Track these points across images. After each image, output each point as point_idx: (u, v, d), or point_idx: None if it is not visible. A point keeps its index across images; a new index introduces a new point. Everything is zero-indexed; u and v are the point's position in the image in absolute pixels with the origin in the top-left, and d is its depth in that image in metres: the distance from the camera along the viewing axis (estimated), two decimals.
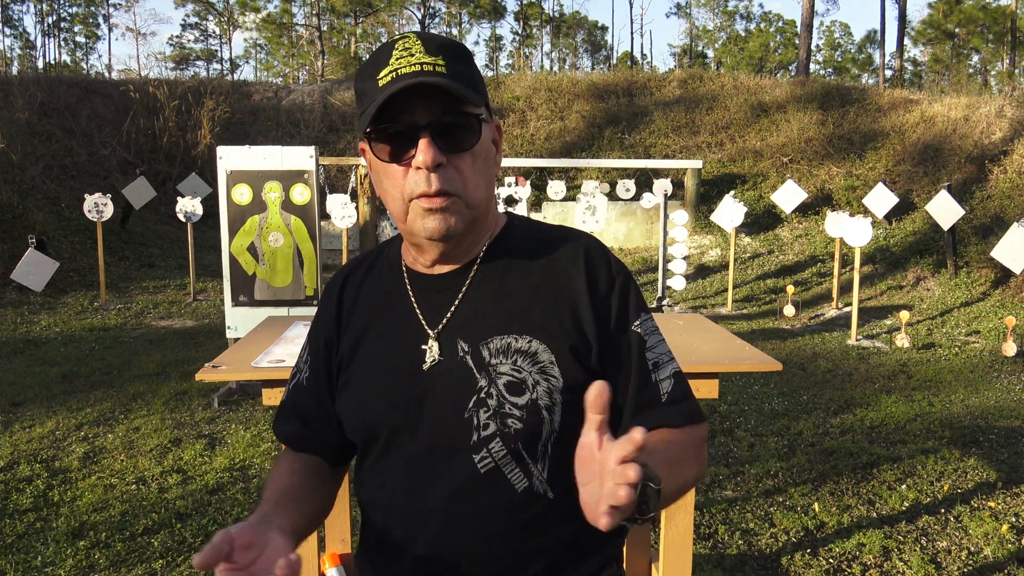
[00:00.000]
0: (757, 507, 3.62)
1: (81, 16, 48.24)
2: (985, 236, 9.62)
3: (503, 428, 1.03)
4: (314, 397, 1.17)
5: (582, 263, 1.09)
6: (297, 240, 5.39)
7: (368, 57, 1.05)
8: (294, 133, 16.08)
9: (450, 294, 1.09)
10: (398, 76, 0.97)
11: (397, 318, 1.11)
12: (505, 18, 48.42)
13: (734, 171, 13.92)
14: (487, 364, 1.04)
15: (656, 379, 1.09)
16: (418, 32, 1.04)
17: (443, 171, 0.99)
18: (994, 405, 5.40)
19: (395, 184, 1.02)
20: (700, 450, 1.11)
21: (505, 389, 1.03)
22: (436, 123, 0.99)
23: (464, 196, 1.01)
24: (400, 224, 1.06)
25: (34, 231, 9.80)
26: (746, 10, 63.43)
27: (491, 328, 1.06)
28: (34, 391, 5.53)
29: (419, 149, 0.98)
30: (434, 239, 1.03)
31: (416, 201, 1.01)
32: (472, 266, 1.10)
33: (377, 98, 0.97)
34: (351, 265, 1.21)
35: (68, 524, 3.37)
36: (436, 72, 0.97)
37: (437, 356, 1.06)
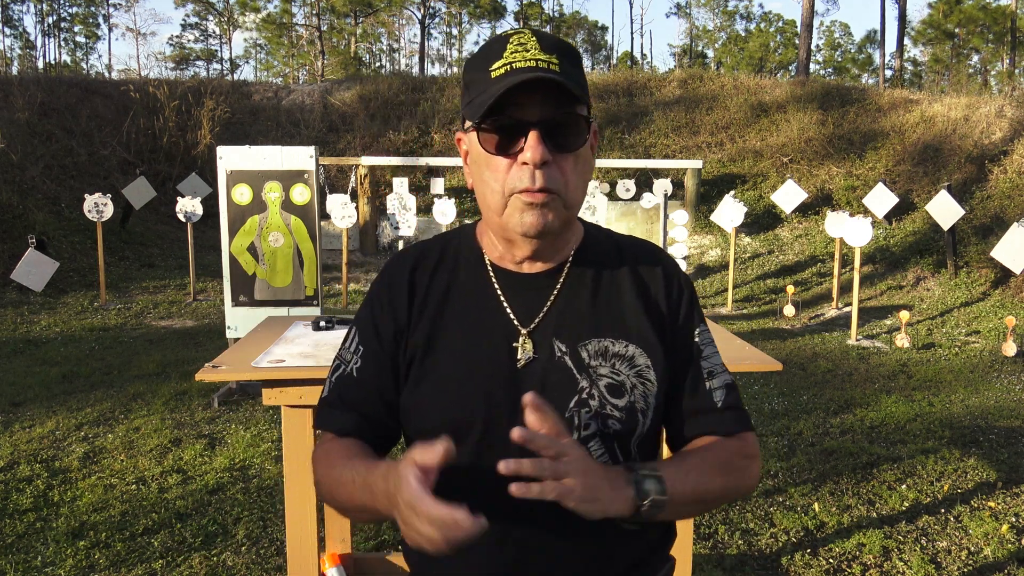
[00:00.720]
0: (757, 507, 3.62)
1: (81, 16, 48.24)
2: (985, 236, 9.62)
3: (603, 429, 1.05)
4: (369, 387, 1.12)
5: (660, 272, 1.14)
6: (297, 240, 5.39)
7: (479, 49, 1.05)
8: (294, 133, 16.08)
9: (543, 293, 1.09)
10: (513, 70, 0.97)
11: (483, 313, 1.09)
12: (505, 18, 48.42)
13: (734, 171, 13.92)
14: (587, 365, 1.06)
15: (710, 387, 1.13)
16: (534, 29, 1.04)
17: (548, 169, 1.00)
18: (994, 405, 5.40)
19: (496, 177, 1.02)
20: (745, 460, 1.12)
21: (607, 391, 1.05)
22: (547, 121, 0.99)
23: (564, 195, 1.02)
24: (494, 217, 1.05)
25: (34, 231, 9.80)
26: (746, 10, 63.43)
27: (588, 330, 1.08)
28: (34, 391, 5.53)
29: (528, 145, 0.98)
30: (529, 235, 1.03)
31: (517, 195, 1.01)
32: (563, 267, 1.11)
33: (491, 89, 0.97)
34: (416, 253, 1.17)
35: (68, 524, 3.37)
36: (550, 69, 0.98)
37: (531, 354, 1.06)
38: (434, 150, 15.67)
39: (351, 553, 2.79)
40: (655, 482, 0.98)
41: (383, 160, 13.33)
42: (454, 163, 13.80)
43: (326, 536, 2.79)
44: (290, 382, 2.10)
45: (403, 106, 16.75)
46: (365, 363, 1.13)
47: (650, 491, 0.97)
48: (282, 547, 3.13)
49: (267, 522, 3.42)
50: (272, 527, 3.37)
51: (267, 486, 3.81)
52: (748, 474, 1.12)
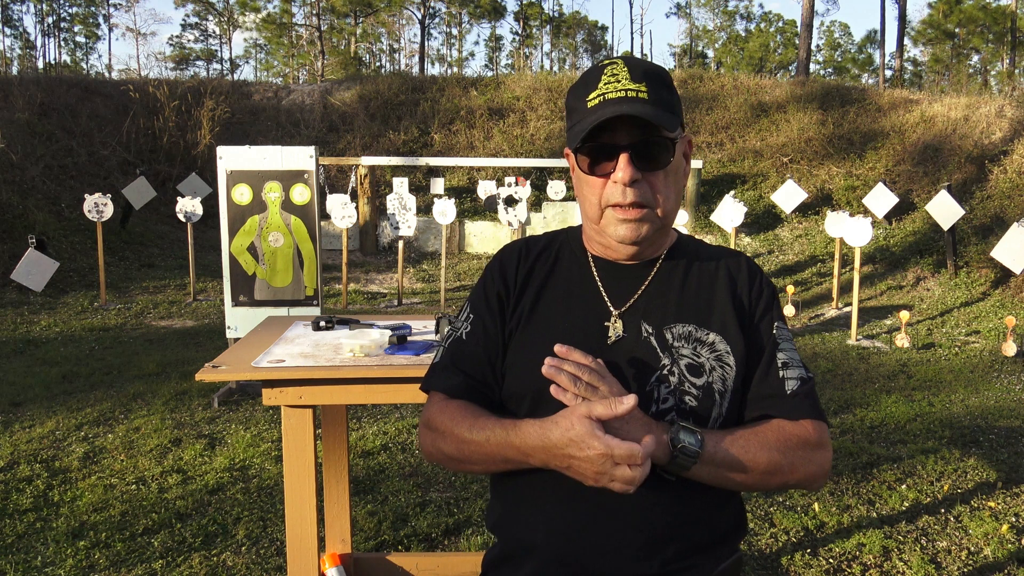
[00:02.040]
0: (757, 507, 3.62)
1: (81, 16, 48.24)
2: (985, 236, 9.62)
3: (680, 404, 1.15)
4: (476, 349, 1.25)
5: (745, 272, 1.28)
6: (297, 240, 5.39)
7: (580, 77, 1.21)
8: (294, 133, 16.08)
9: (636, 281, 1.24)
10: (605, 101, 1.12)
11: (580, 294, 1.24)
12: (505, 18, 48.41)
13: (734, 171, 13.92)
14: (670, 346, 1.18)
15: (783, 376, 1.22)
16: (626, 58, 1.18)
17: (638, 186, 1.15)
18: (994, 405, 5.40)
19: (594, 192, 1.18)
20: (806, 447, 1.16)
21: (686, 370, 1.17)
22: (635, 144, 1.14)
23: (656, 208, 1.17)
24: (593, 225, 1.22)
25: (34, 231, 9.80)
26: (746, 10, 63.42)
27: (674, 315, 1.21)
28: (34, 391, 5.52)
29: (618, 166, 1.13)
30: (625, 243, 1.19)
31: (611, 209, 1.17)
32: (656, 261, 1.26)
33: (585, 120, 1.13)
34: (524, 241, 1.33)
35: (68, 524, 3.37)
36: (639, 99, 1.12)
37: (621, 332, 1.19)
38: (434, 150, 15.67)
39: (351, 553, 2.79)
40: (691, 435, 1.08)
41: (383, 160, 13.33)
42: (454, 163, 13.80)
43: (326, 536, 2.79)
44: (290, 382, 2.09)
45: (403, 106, 16.75)
46: (474, 329, 1.27)
47: (683, 440, 1.07)
48: (282, 547, 3.13)
49: (267, 522, 3.42)
50: (272, 527, 3.37)
51: (267, 486, 3.81)
52: (811, 461, 1.16)
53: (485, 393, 1.24)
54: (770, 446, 1.13)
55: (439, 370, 1.29)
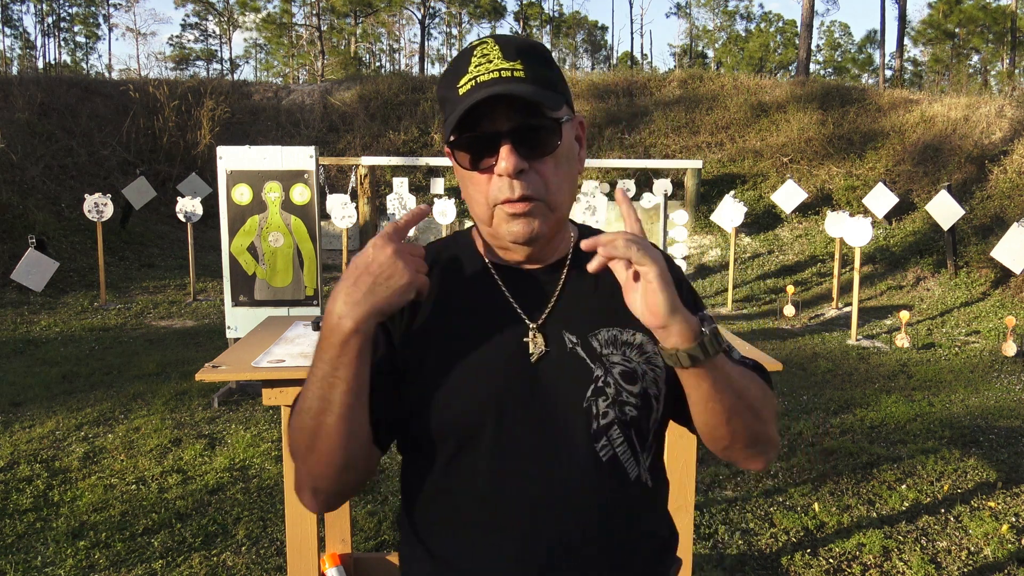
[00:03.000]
0: (757, 507, 3.62)
1: (81, 16, 48.25)
2: (985, 236, 9.62)
3: (621, 416, 1.06)
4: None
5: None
6: (297, 240, 5.39)
7: (449, 64, 1.06)
8: (294, 133, 16.08)
9: (547, 287, 1.11)
10: (477, 84, 0.99)
11: (490, 310, 1.09)
12: (505, 18, 48.42)
13: (734, 171, 13.91)
14: (600, 355, 1.07)
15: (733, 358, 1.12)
16: (496, 36, 1.05)
17: (525, 176, 1.01)
18: (994, 405, 5.40)
19: (479, 190, 1.04)
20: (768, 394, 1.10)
21: (621, 378, 1.07)
22: (516, 130, 1.00)
23: (548, 199, 1.03)
24: (485, 227, 1.08)
25: (34, 231, 9.79)
26: (746, 10, 63.43)
27: (597, 321, 1.10)
28: (34, 391, 5.52)
29: (501, 156, 0.99)
30: (519, 242, 1.06)
31: (500, 206, 1.03)
32: (564, 263, 1.13)
33: (457, 108, 0.99)
34: None
35: (68, 524, 3.37)
36: (514, 78, 0.99)
37: (543, 347, 1.07)
38: (434, 150, 15.67)
39: (351, 553, 2.79)
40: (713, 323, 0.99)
41: (383, 160, 13.33)
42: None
43: (326, 536, 2.79)
44: (290, 382, 2.10)
45: (403, 106, 16.75)
46: None
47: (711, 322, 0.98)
48: (282, 547, 3.13)
49: (267, 522, 3.42)
50: (272, 527, 3.37)
51: (267, 486, 3.81)
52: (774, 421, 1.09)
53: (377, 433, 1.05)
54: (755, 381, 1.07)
55: None
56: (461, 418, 1.04)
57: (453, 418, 1.05)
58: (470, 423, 1.04)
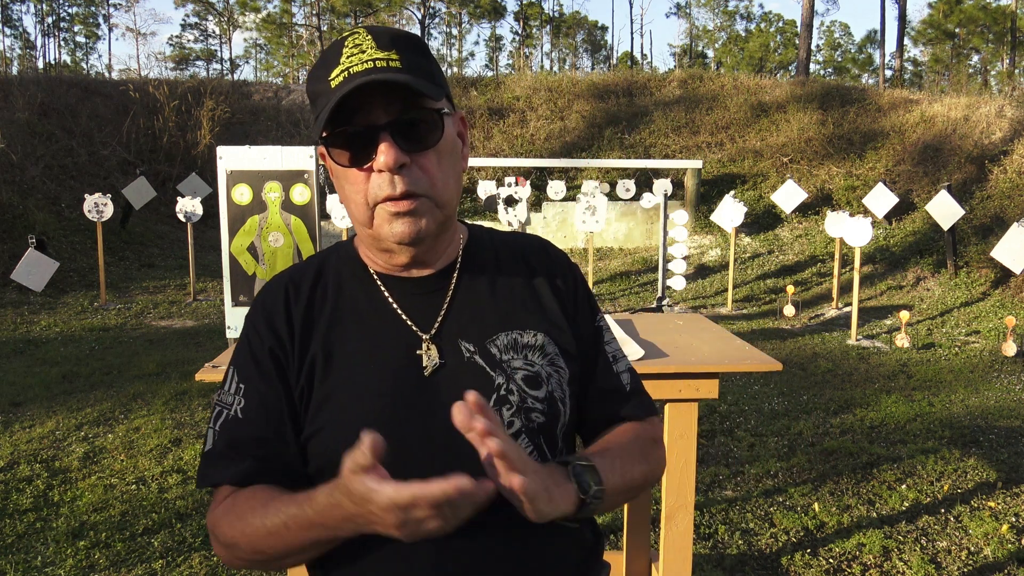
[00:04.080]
0: (757, 507, 3.62)
1: (81, 16, 48.27)
2: (985, 236, 9.63)
3: (528, 423, 1.01)
4: (259, 425, 1.00)
5: (553, 263, 1.13)
6: (297, 240, 5.39)
7: (318, 57, 0.99)
8: (294, 133, 16.09)
9: (437, 296, 1.05)
10: (350, 75, 0.92)
11: (379, 325, 1.02)
12: (505, 18, 48.44)
13: (734, 171, 13.92)
14: (500, 361, 1.02)
15: (616, 371, 1.13)
16: (368, 26, 0.98)
17: (407, 172, 0.94)
18: (994, 405, 5.40)
19: (358, 189, 0.96)
20: (656, 447, 1.12)
21: (524, 383, 1.02)
22: (395, 122, 0.94)
23: (432, 195, 0.97)
24: (365, 230, 1.00)
25: (34, 231, 9.80)
26: (746, 10, 63.46)
27: (494, 325, 1.04)
28: (34, 391, 5.53)
29: (380, 151, 0.92)
30: (404, 243, 0.98)
31: (381, 205, 0.96)
32: (454, 267, 1.07)
33: (330, 101, 0.92)
34: (288, 277, 1.08)
35: (68, 524, 3.37)
36: (390, 68, 0.93)
37: (437, 360, 1.01)
38: None
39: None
40: (592, 472, 0.95)
41: None
42: None
43: None
44: None
45: None
46: (249, 401, 1.01)
47: (590, 484, 0.93)
48: None
49: None
50: None
51: None
52: (659, 459, 1.11)
53: (280, 475, 0.99)
54: (639, 457, 1.05)
55: (214, 459, 1.00)
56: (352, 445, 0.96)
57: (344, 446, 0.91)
58: None
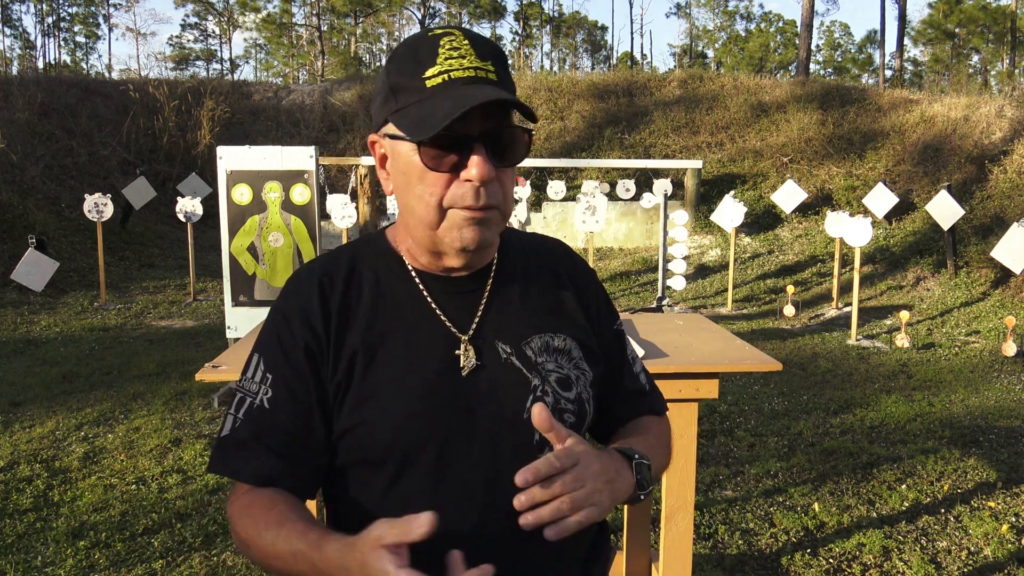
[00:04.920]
0: (757, 507, 3.62)
1: (81, 16, 48.25)
2: (985, 236, 9.62)
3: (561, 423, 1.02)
4: (286, 418, 0.99)
5: (575, 267, 1.17)
6: (297, 240, 5.39)
7: (403, 48, 0.98)
8: (294, 133, 16.08)
9: (473, 297, 1.06)
10: (451, 80, 0.93)
11: (419, 324, 1.03)
12: (505, 18, 48.43)
13: (734, 171, 13.92)
14: (535, 363, 1.04)
15: (636, 372, 1.20)
16: (463, 29, 0.98)
17: (490, 184, 0.96)
18: (994, 405, 5.40)
19: (432, 191, 0.96)
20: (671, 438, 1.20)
21: (557, 385, 1.05)
22: (489, 134, 0.95)
23: (503, 209, 1.00)
24: (425, 230, 0.99)
25: (34, 231, 9.80)
26: (746, 10, 63.46)
27: (527, 328, 1.06)
28: (34, 391, 5.52)
29: (473, 162, 0.93)
30: (469, 250, 0.99)
31: (458, 211, 0.96)
32: (488, 270, 1.09)
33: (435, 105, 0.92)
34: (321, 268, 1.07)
35: (68, 524, 3.37)
36: (489, 80, 0.94)
37: (475, 361, 1.02)
38: None
39: None
40: (648, 471, 1.01)
41: None
42: None
43: None
44: None
45: None
46: (277, 393, 1.00)
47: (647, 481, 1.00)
48: None
49: None
50: None
51: None
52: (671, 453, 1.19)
53: (302, 473, 1.00)
54: (664, 450, 1.13)
55: (236, 448, 0.99)
56: (397, 442, 0.98)
57: (391, 442, 0.98)
58: (407, 447, 0.98)
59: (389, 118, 0.98)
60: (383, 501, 0.99)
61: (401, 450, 0.98)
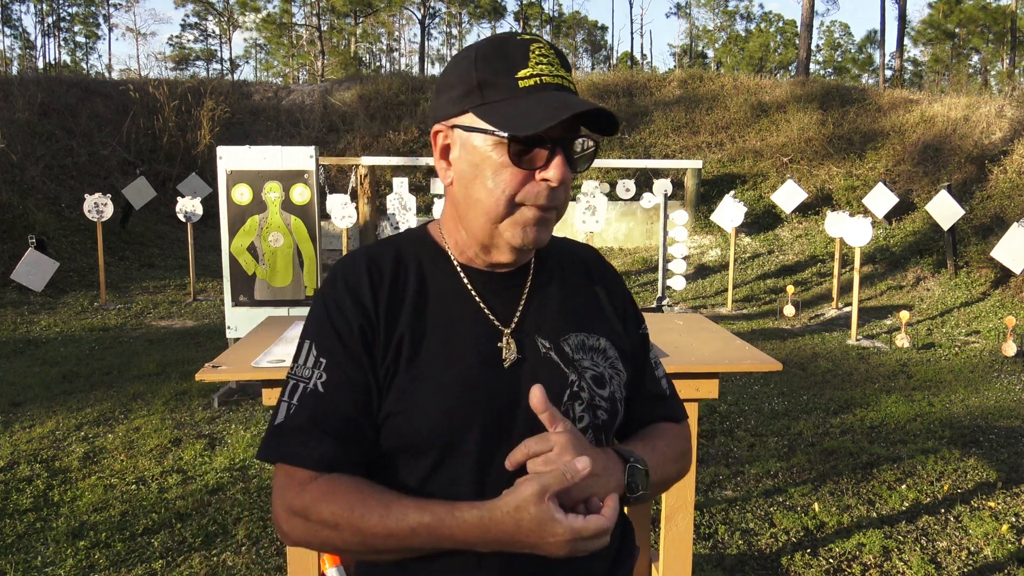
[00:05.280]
0: (757, 507, 3.62)
1: (81, 16, 48.25)
2: (985, 236, 9.62)
3: (594, 420, 1.07)
4: (342, 403, 1.01)
5: (605, 270, 1.21)
6: (297, 240, 5.39)
7: (489, 46, 1.01)
8: (294, 133, 16.08)
9: (514, 292, 1.10)
10: (543, 84, 0.98)
11: (461, 315, 1.07)
12: (505, 18, 48.42)
13: (734, 171, 13.92)
14: (572, 359, 1.08)
15: (658, 376, 1.22)
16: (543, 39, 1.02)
17: (560, 188, 1.01)
18: (994, 405, 5.40)
19: (507, 185, 0.99)
20: (689, 450, 1.22)
21: (593, 382, 1.08)
22: (568, 140, 1.00)
23: (561, 212, 1.05)
24: (486, 223, 1.02)
25: (34, 231, 9.80)
26: (746, 10, 63.46)
27: (565, 325, 1.10)
28: (34, 391, 5.52)
29: (554, 164, 0.99)
30: (527, 248, 1.04)
31: (527, 208, 1.01)
32: (528, 267, 1.13)
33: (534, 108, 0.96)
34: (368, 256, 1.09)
35: (68, 524, 3.37)
36: (572, 90, 1.01)
37: (516, 354, 1.06)
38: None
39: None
40: (644, 476, 1.02)
41: (383, 160, 13.33)
42: None
43: None
44: None
45: (403, 106, 16.75)
46: (333, 377, 1.01)
47: (638, 486, 1.01)
48: (282, 547, 3.13)
49: (267, 522, 3.42)
50: (272, 527, 3.37)
51: (267, 486, 3.81)
52: (689, 460, 1.21)
53: (358, 460, 1.01)
54: (674, 458, 1.15)
55: (296, 434, 1.00)
56: (440, 430, 1.00)
57: (432, 431, 1.00)
58: (451, 435, 1.00)
59: (471, 110, 1.00)
60: (425, 488, 1.01)
61: (444, 438, 1.00)
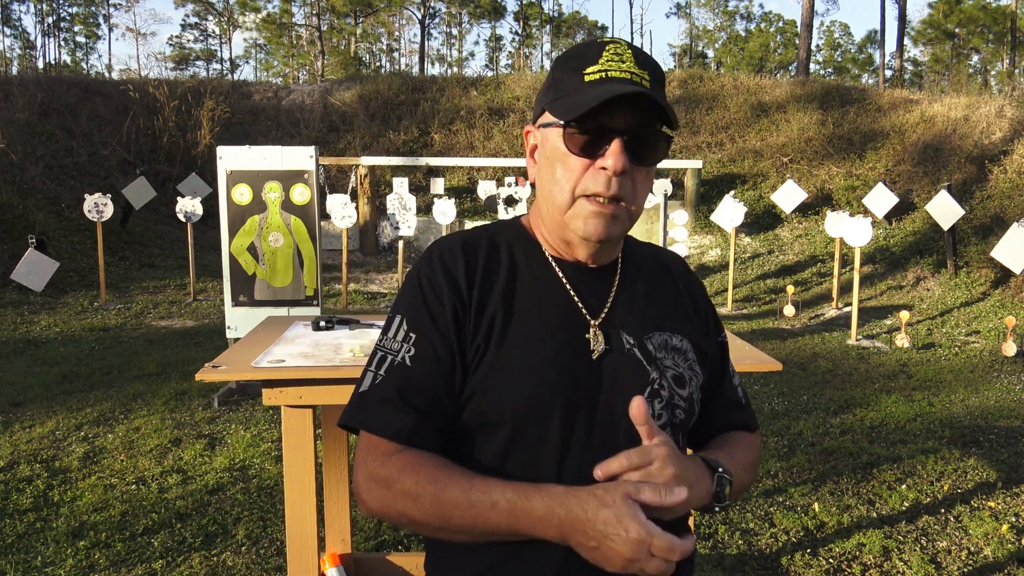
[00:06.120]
0: (757, 507, 3.62)
1: (81, 16, 48.24)
2: (985, 236, 9.62)
3: (672, 418, 1.10)
4: (428, 379, 1.03)
5: (689, 276, 1.24)
6: (297, 240, 5.39)
7: (572, 49, 1.07)
8: (294, 133, 16.08)
9: (604, 287, 1.12)
10: (607, 78, 1.00)
11: (551, 303, 1.09)
12: (505, 18, 48.43)
13: (734, 171, 13.92)
14: (654, 357, 1.10)
15: (735, 384, 1.26)
16: (629, 43, 1.07)
17: (622, 178, 1.02)
18: (994, 405, 5.40)
19: (569, 177, 1.03)
20: (759, 456, 1.25)
21: (673, 382, 1.10)
22: (631, 131, 1.01)
23: (631, 207, 1.05)
24: (557, 214, 1.06)
25: (34, 231, 9.80)
26: (746, 10, 63.44)
27: (649, 324, 1.12)
28: (34, 391, 5.52)
29: (610, 152, 1.00)
30: (590, 240, 1.06)
31: (585, 200, 1.03)
32: (615, 265, 1.15)
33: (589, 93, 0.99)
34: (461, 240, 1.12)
35: (68, 524, 3.37)
36: (643, 85, 1.01)
37: (604, 346, 1.08)
38: (434, 150, 15.67)
39: (351, 553, 2.79)
40: (729, 485, 1.04)
41: (383, 160, 13.33)
42: (454, 163, 13.79)
43: (326, 536, 2.79)
44: (290, 382, 2.10)
45: (403, 106, 16.75)
46: (421, 352, 1.04)
47: (726, 496, 1.03)
48: (282, 547, 3.13)
49: (267, 522, 3.42)
50: (272, 527, 3.37)
51: (267, 486, 3.81)
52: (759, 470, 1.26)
53: (436, 437, 1.04)
54: (748, 467, 1.17)
55: (380, 403, 1.03)
56: (527, 407, 1.02)
57: (511, 407, 1.02)
58: (536, 413, 1.02)
59: (546, 107, 1.06)
60: (501, 469, 1.02)
61: (526, 419, 1.02)
